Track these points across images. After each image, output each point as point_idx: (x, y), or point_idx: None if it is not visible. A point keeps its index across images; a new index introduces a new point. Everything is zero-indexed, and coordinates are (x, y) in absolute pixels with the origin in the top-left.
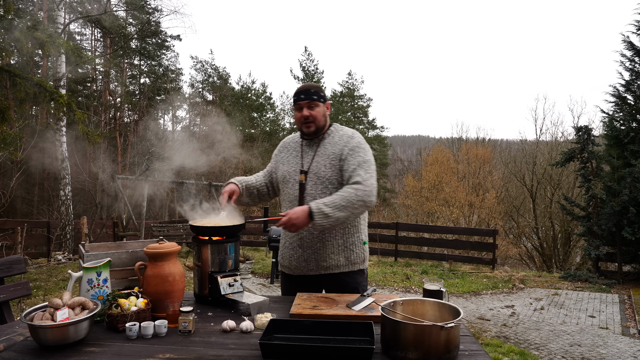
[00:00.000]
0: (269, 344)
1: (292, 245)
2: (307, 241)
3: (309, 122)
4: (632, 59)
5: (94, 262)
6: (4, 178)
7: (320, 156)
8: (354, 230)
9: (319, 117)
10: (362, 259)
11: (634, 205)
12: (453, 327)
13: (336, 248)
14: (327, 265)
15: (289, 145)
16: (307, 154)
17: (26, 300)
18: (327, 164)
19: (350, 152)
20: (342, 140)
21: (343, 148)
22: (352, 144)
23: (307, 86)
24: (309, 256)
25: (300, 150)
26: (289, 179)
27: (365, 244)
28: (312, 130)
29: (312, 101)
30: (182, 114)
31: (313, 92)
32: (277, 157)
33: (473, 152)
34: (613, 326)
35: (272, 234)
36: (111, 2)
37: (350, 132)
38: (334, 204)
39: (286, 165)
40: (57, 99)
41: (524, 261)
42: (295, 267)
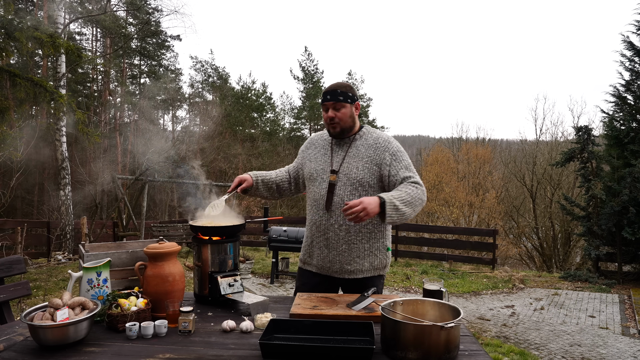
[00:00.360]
0: (269, 344)
1: (318, 245)
2: (333, 242)
3: (334, 123)
4: (632, 59)
5: (94, 262)
6: (4, 178)
7: (352, 157)
8: (380, 235)
9: (344, 119)
10: (384, 265)
11: (634, 205)
12: (453, 327)
13: (362, 252)
14: (352, 269)
15: (318, 142)
16: (337, 154)
17: (26, 300)
18: (359, 166)
19: (393, 157)
20: (379, 144)
21: (383, 153)
22: (392, 149)
23: (335, 86)
24: (334, 257)
25: (330, 149)
26: (316, 177)
27: (388, 250)
28: (337, 131)
29: (338, 102)
30: (182, 114)
31: (339, 93)
32: (304, 154)
33: (473, 152)
34: (613, 326)
35: (272, 234)
36: (111, 2)
37: (385, 136)
38: (402, 199)
39: (314, 163)
40: (57, 99)
41: (524, 261)
42: (320, 266)
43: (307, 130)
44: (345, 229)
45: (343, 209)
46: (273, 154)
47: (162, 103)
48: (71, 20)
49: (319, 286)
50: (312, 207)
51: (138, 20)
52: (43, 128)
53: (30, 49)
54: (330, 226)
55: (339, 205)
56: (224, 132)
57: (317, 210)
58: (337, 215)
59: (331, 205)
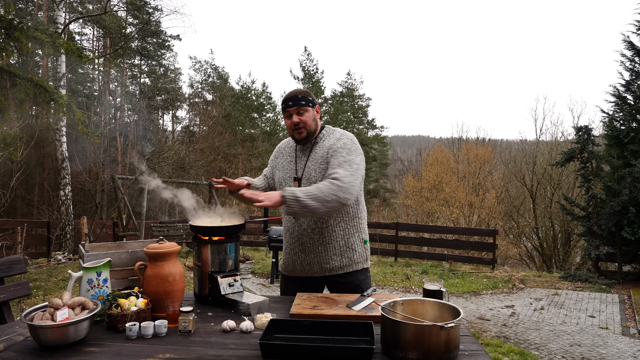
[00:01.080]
0: (269, 344)
1: (294, 251)
2: (309, 246)
3: (300, 127)
4: (632, 59)
5: (94, 262)
6: (4, 178)
7: (312, 161)
8: (354, 230)
9: (309, 122)
10: (365, 257)
11: (633, 205)
12: (453, 327)
13: (338, 250)
14: (330, 267)
15: (284, 150)
16: (300, 160)
17: (26, 300)
18: (317, 169)
19: (332, 154)
20: (330, 141)
21: (328, 150)
22: (336, 146)
23: (295, 92)
24: (311, 260)
25: (294, 155)
26: (284, 186)
27: (366, 243)
28: (303, 136)
29: (301, 107)
30: (182, 114)
31: (301, 98)
32: (273, 163)
33: (473, 152)
34: (613, 326)
35: (272, 234)
36: (111, 2)
37: (339, 134)
38: (308, 191)
39: (281, 172)
40: (57, 99)
41: (524, 261)
42: (299, 270)
43: None
44: (319, 231)
45: (244, 194)
46: None
47: (162, 103)
48: (71, 20)
49: (302, 289)
50: (284, 214)
51: (138, 20)
52: (43, 128)
53: (30, 49)
54: (303, 231)
55: None
56: (224, 132)
57: (289, 218)
58: (309, 219)
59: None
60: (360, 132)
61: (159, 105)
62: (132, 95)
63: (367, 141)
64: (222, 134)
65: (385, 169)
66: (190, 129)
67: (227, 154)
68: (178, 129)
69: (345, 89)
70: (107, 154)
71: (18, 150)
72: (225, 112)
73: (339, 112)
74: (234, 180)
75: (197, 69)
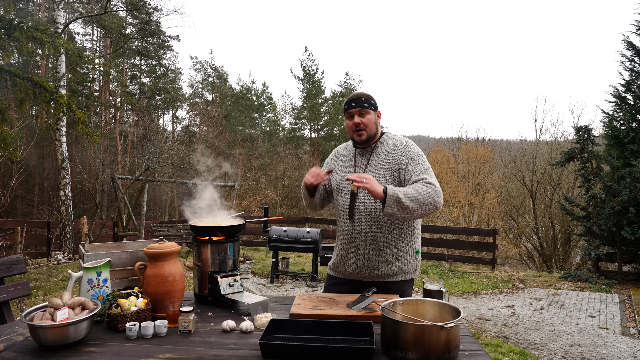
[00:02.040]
0: (269, 344)
1: (346, 253)
2: (361, 249)
3: (360, 129)
4: (632, 59)
5: (94, 262)
6: (4, 178)
7: (374, 165)
8: (408, 239)
9: (370, 125)
10: (415, 268)
11: (633, 205)
12: (453, 327)
13: (390, 257)
14: (380, 273)
15: (342, 154)
16: (360, 163)
17: (26, 300)
18: (381, 173)
19: (409, 161)
20: (398, 149)
21: (401, 158)
22: (409, 153)
23: (358, 94)
24: (362, 264)
25: (353, 159)
26: (342, 188)
27: (418, 253)
28: (363, 139)
29: (363, 109)
30: (182, 114)
31: (364, 100)
32: (330, 166)
33: (473, 152)
34: (613, 326)
35: (272, 234)
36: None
37: (404, 140)
38: (408, 193)
39: (339, 174)
40: (57, 99)
41: (524, 261)
42: (349, 273)
43: (307, 130)
44: (372, 236)
45: (347, 177)
46: (273, 154)
47: (162, 103)
48: (71, 20)
49: (347, 292)
50: (340, 217)
51: (138, 20)
52: (43, 128)
53: (30, 49)
54: (357, 234)
55: (364, 213)
56: (224, 132)
57: (344, 220)
58: (363, 223)
59: (354, 214)
60: None
61: (159, 105)
62: (132, 95)
63: None
64: (222, 134)
65: None
66: (190, 129)
67: (227, 154)
68: (178, 129)
69: (345, 89)
70: (107, 154)
71: (18, 150)
72: (225, 112)
73: (339, 112)
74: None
75: (198, 69)
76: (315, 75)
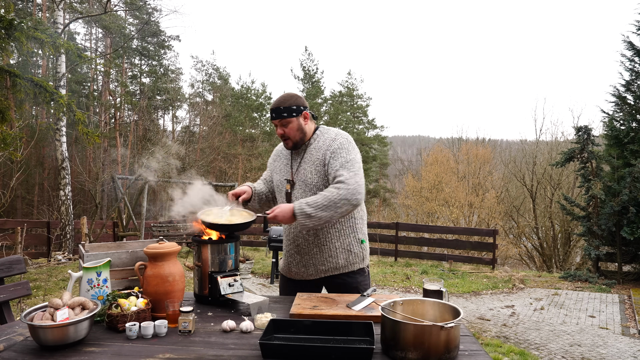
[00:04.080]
0: (269, 344)
1: (289, 253)
2: (304, 247)
3: (285, 139)
4: (632, 59)
5: (94, 262)
6: (4, 178)
7: (307, 162)
8: (350, 230)
9: (292, 133)
10: (362, 257)
11: (633, 205)
12: (453, 327)
13: (333, 251)
14: (326, 268)
15: (281, 153)
16: (295, 161)
17: (26, 300)
18: (312, 170)
19: (332, 155)
20: (325, 144)
21: (325, 152)
22: (333, 147)
23: (277, 102)
24: (307, 262)
25: (289, 158)
26: (281, 188)
27: (363, 242)
28: (290, 147)
29: (283, 119)
30: (182, 114)
31: (283, 110)
32: (271, 166)
33: (473, 152)
34: (613, 326)
35: (272, 234)
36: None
37: (333, 134)
38: (317, 204)
39: (278, 174)
40: (57, 99)
41: (524, 261)
42: (295, 272)
43: None
44: (314, 233)
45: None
46: None
47: (162, 103)
48: (71, 20)
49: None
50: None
51: (138, 21)
52: (43, 128)
53: (30, 49)
54: (298, 233)
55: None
56: (224, 132)
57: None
58: None
59: None
60: (360, 132)
61: (159, 105)
62: (132, 95)
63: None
64: (222, 134)
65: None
66: (190, 129)
67: (227, 154)
68: (178, 129)
69: (346, 89)
70: (107, 154)
71: (18, 150)
72: (225, 112)
73: (339, 112)
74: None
75: (199, 69)
76: (315, 75)
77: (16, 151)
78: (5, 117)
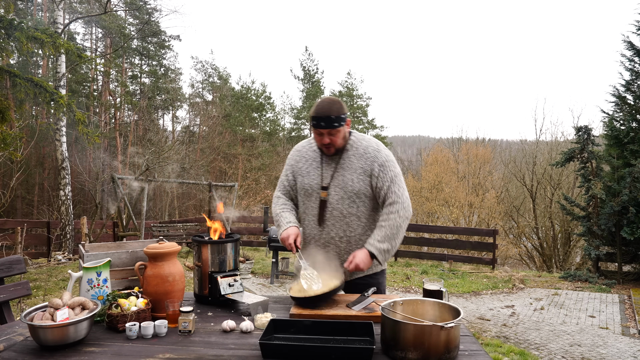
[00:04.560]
0: (269, 344)
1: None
2: (334, 254)
3: (330, 147)
4: (632, 59)
5: (94, 262)
6: (4, 178)
7: (345, 169)
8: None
9: (339, 142)
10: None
11: (633, 205)
12: (453, 327)
13: None
14: (352, 273)
15: (306, 154)
16: (328, 166)
17: (26, 300)
18: (354, 178)
19: (381, 169)
20: (369, 154)
21: (373, 164)
22: (380, 160)
23: (327, 111)
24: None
25: (320, 161)
26: (311, 193)
27: None
28: (332, 153)
29: (334, 128)
30: (182, 114)
31: (334, 119)
32: (294, 168)
33: (473, 152)
34: (613, 326)
35: (272, 234)
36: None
37: (374, 144)
38: (387, 236)
39: (307, 178)
40: (57, 99)
41: (524, 261)
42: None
43: (307, 130)
44: (347, 240)
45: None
46: (273, 154)
47: (162, 103)
48: (71, 20)
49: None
50: (308, 221)
51: (138, 21)
52: (43, 128)
53: (30, 49)
54: (330, 240)
55: (338, 219)
56: (224, 132)
57: (314, 225)
58: (337, 228)
59: (324, 221)
60: (360, 132)
61: (159, 105)
62: (132, 95)
63: None
64: (222, 134)
65: None
66: (190, 129)
67: (227, 154)
68: (178, 129)
69: (345, 89)
70: (107, 154)
71: (18, 150)
72: (225, 112)
73: None
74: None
75: (199, 69)
76: (315, 76)
77: (16, 151)
78: (5, 117)
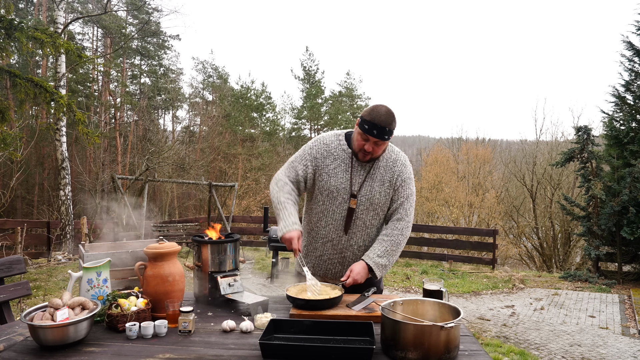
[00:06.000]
0: (269, 344)
1: (331, 261)
2: (350, 260)
3: (368, 154)
4: (631, 59)
5: (94, 262)
6: (4, 178)
7: (374, 180)
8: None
9: (380, 153)
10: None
11: (633, 205)
12: (453, 327)
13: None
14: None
15: (336, 153)
16: (358, 173)
17: (26, 300)
18: (380, 191)
19: (402, 184)
20: (397, 167)
21: (398, 177)
22: (405, 175)
23: (385, 123)
24: (344, 271)
25: (350, 165)
26: (337, 196)
27: None
28: (366, 160)
29: (383, 141)
30: (182, 114)
31: (387, 132)
32: (318, 162)
33: (473, 152)
34: (613, 326)
35: (272, 234)
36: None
37: (402, 158)
38: (387, 251)
39: (334, 179)
40: (57, 99)
41: (524, 261)
42: (330, 279)
43: (307, 130)
44: (365, 247)
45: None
46: (273, 154)
47: (162, 103)
48: (71, 20)
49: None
50: (329, 225)
51: (138, 20)
52: (43, 128)
53: (30, 49)
54: (349, 247)
55: (360, 228)
56: (224, 132)
57: (336, 230)
58: (358, 237)
59: (350, 229)
60: None
61: (159, 105)
62: (132, 95)
63: None
64: (222, 134)
65: None
66: (190, 129)
67: (227, 154)
68: (178, 129)
69: (345, 89)
70: (107, 154)
71: (18, 150)
72: (225, 112)
73: (339, 112)
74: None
75: (199, 70)
76: (316, 75)
77: (16, 151)
78: (5, 117)
